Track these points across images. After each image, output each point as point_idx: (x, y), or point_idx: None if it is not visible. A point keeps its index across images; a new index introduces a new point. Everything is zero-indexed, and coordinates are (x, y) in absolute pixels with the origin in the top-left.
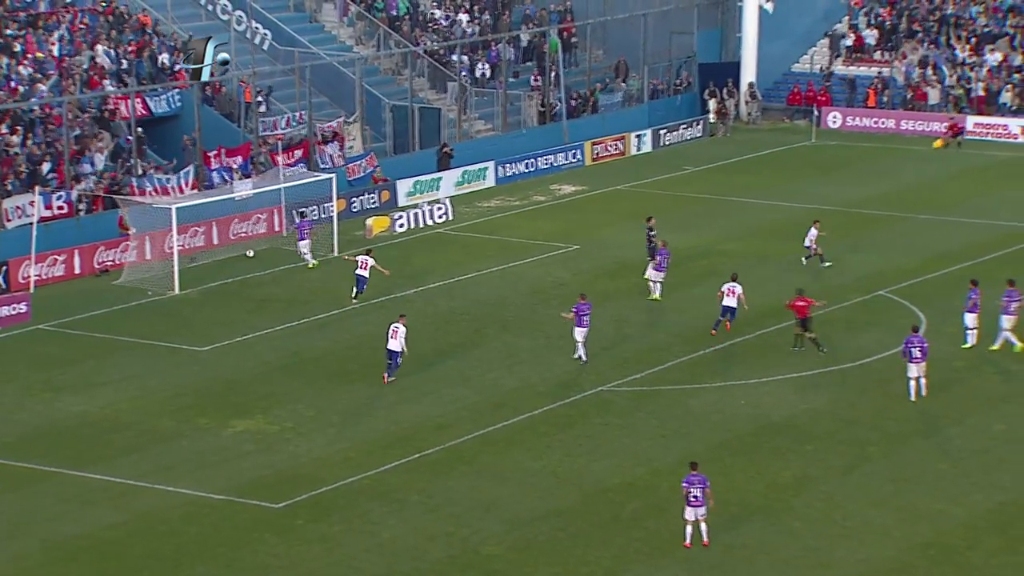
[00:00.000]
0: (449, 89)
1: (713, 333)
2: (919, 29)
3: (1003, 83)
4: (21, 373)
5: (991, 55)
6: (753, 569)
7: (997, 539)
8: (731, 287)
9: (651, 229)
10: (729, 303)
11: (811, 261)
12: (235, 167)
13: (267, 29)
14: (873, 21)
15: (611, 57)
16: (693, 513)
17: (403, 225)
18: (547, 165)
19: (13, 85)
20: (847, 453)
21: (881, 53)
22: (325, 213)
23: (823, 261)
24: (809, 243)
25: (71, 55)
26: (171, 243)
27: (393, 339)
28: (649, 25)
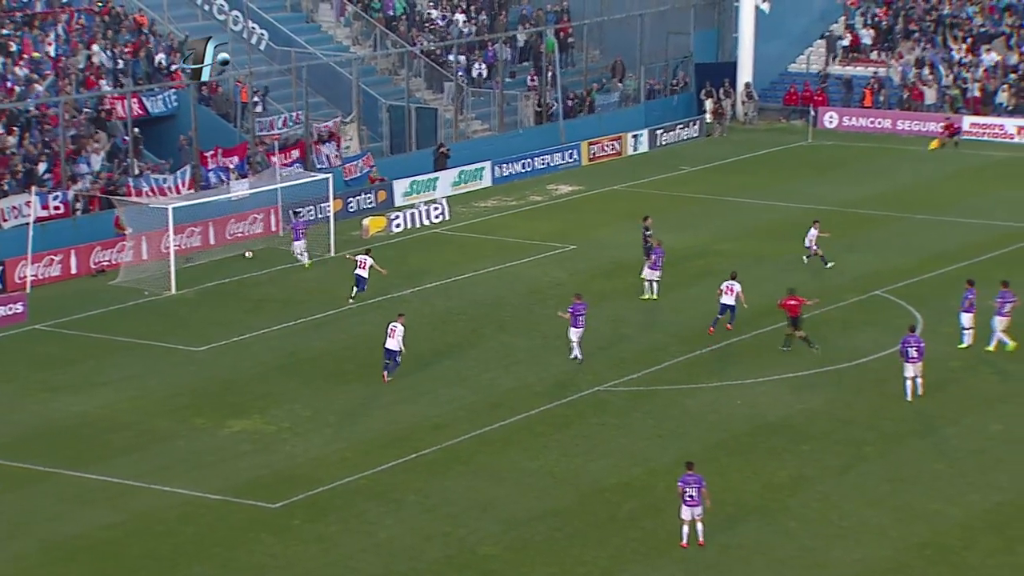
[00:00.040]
0: (446, 89)
1: (711, 331)
2: (915, 29)
3: (999, 83)
4: (18, 373)
5: (987, 55)
6: (749, 569)
7: (994, 539)
8: (730, 285)
9: (647, 229)
10: (727, 301)
11: (812, 260)
12: (231, 167)
13: (264, 29)
14: (869, 21)
15: (608, 57)
16: (690, 512)
17: (400, 225)
18: (544, 165)
19: (9, 85)
20: (843, 453)
21: (878, 53)
22: (321, 213)
23: (825, 262)
24: (809, 243)
25: (67, 55)
26: (167, 243)
27: (391, 338)
28: (646, 25)
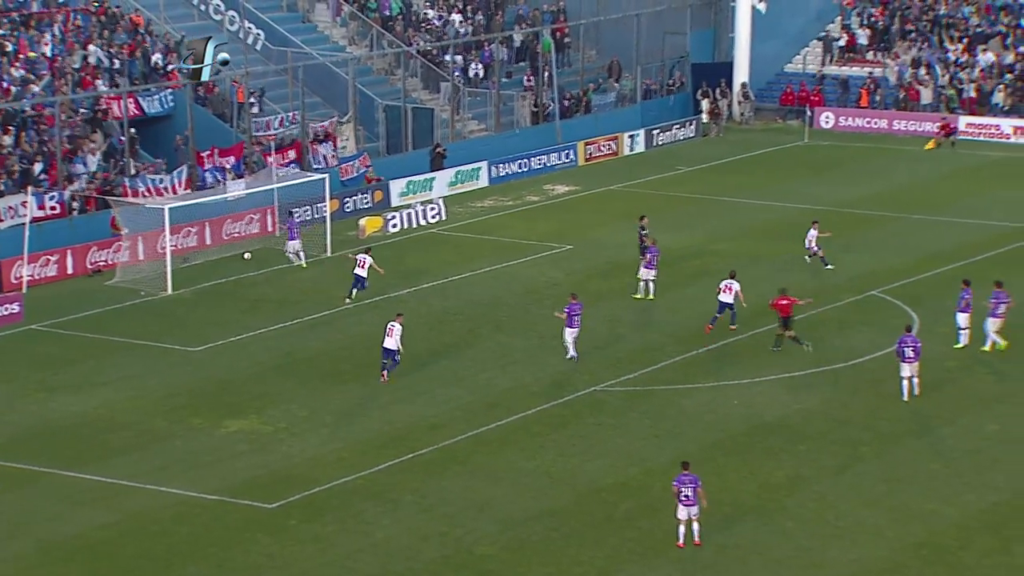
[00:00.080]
0: (442, 89)
1: (708, 329)
2: (912, 29)
3: (995, 83)
4: (14, 373)
5: (983, 55)
6: (746, 569)
7: (990, 539)
8: (728, 284)
9: (643, 228)
10: (725, 299)
11: (813, 261)
12: (228, 167)
13: (260, 29)
14: (866, 21)
15: (604, 57)
16: (686, 512)
17: (396, 225)
18: (540, 165)
19: (5, 85)
20: (840, 453)
21: (874, 53)
22: (318, 213)
23: (825, 263)
24: (809, 244)
25: (63, 55)
26: (164, 243)
27: (389, 337)
28: (642, 25)
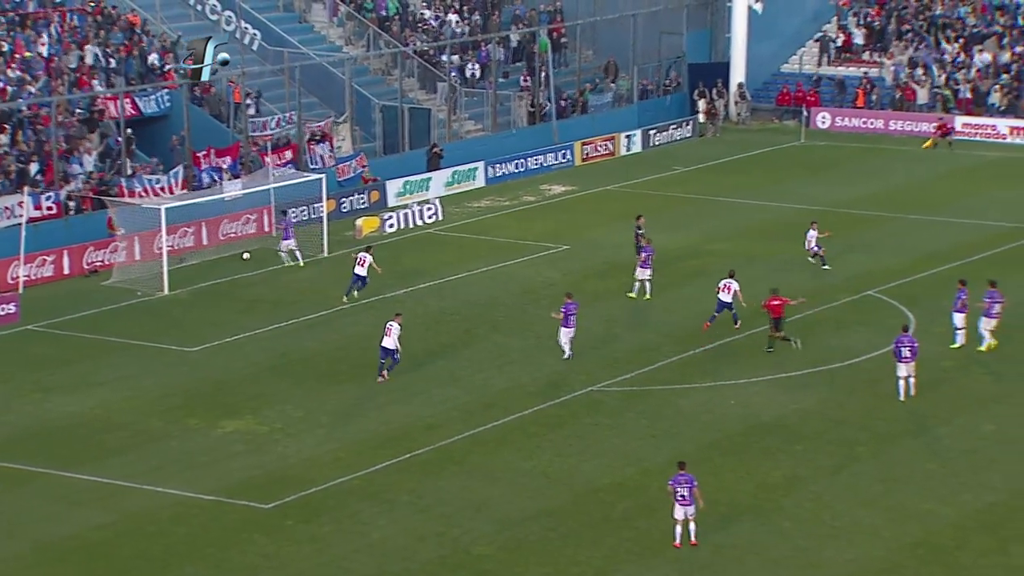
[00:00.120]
0: (439, 89)
1: (706, 327)
2: (908, 29)
3: (992, 83)
4: (10, 374)
5: (979, 55)
6: (743, 569)
7: (986, 539)
8: (727, 283)
9: (639, 228)
10: (724, 299)
11: (815, 260)
12: (224, 167)
13: (256, 29)
14: (862, 21)
15: (601, 57)
16: (683, 512)
17: (393, 225)
18: (537, 165)
19: (1, 85)
20: (836, 453)
21: (870, 53)
22: (315, 214)
23: (823, 263)
24: (809, 245)
25: (60, 55)
26: (160, 243)
27: (388, 337)
28: (639, 25)
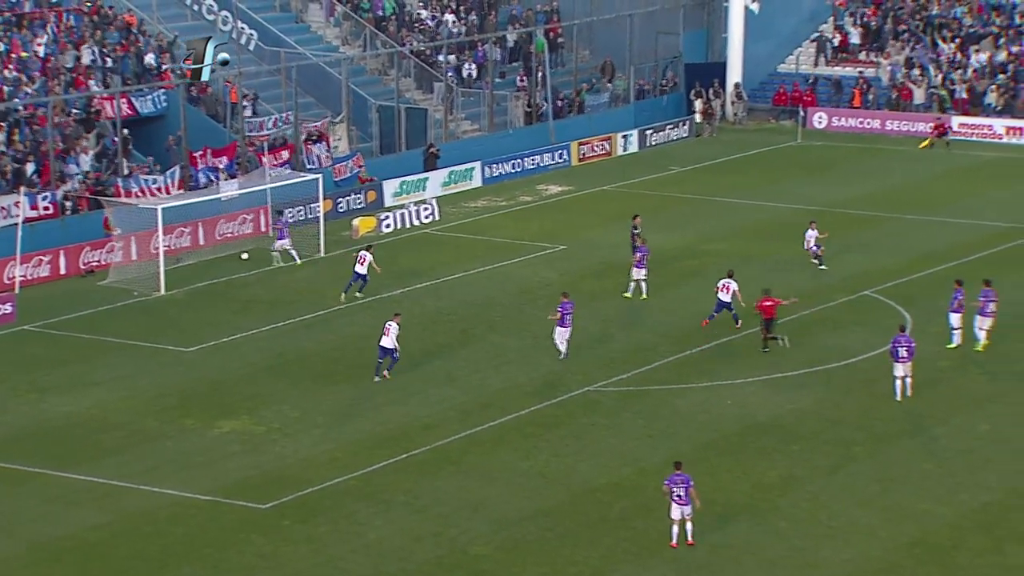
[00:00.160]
0: (435, 89)
1: (704, 324)
2: (904, 29)
3: (988, 83)
4: (6, 374)
5: (976, 55)
6: (740, 569)
7: (983, 539)
8: (726, 283)
9: (635, 227)
10: (724, 298)
11: (816, 260)
12: (221, 167)
13: (253, 29)
14: (859, 21)
15: (597, 57)
16: (679, 512)
17: (389, 225)
18: (534, 165)
19: None
20: (833, 453)
21: (866, 53)
22: (311, 213)
23: (820, 263)
24: (808, 244)
25: (56, 55)
26: (157, 243)
27: (386, 336)
28: (635, 25)
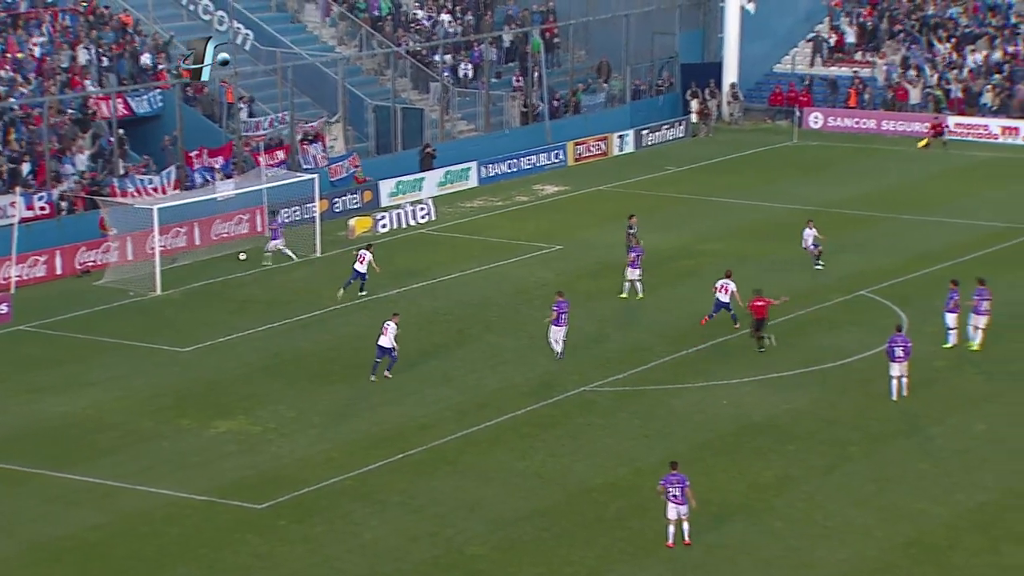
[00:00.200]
0: (432, 89)
1: (703, 322)
2: (900, 29)
3: (984, 84)
4: (2, 374)
5: (972, 55)
6: (735, 569)
7: (979, 539)
8: (725, 284)
9: (630, 227)
10: (722, 299)
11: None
12: (217, 167)
13: (249, 29)
14: (855, 21)
15: (593, 58)
16: (676, 511)
17: (386, 225)
18: (530, 165)
19: None
20: (828, 453)
21: (862, 54)
22: (308, 214)
23: (815, 263)
24: (806, 244)
25: (51, 55)
26: (152, 244)
27: (384, 336)
28: (631, 26)
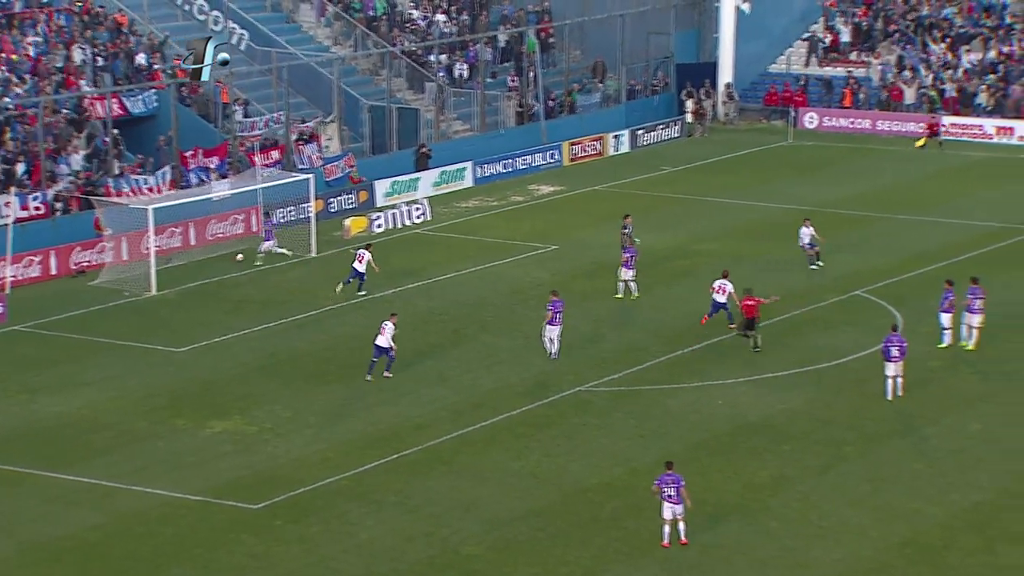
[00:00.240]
0: (427, 89)
1: (704, 320)
2: (895, 30)
3: (978, 84)
4: None
5: (966, 55)
6: (731, 569)
7: (974, 538)
8: (722, 284)
9: (625, 227)
10: (719, 299)
11: (809, 257)
12: (212, 167)
13: (244, 29)
14: (849, 21)
15: (589, 57)
16: (671, 511)
17: (381, 226)
18: (525, 165)
19: None
20: (823, 453)
21: (857, 54)
22: (303, 214)
23: (811, 262)
24: (803, 242)
25: (46, 55)
26: (148, 244)
27: (381, 335)
28: (627, 26)
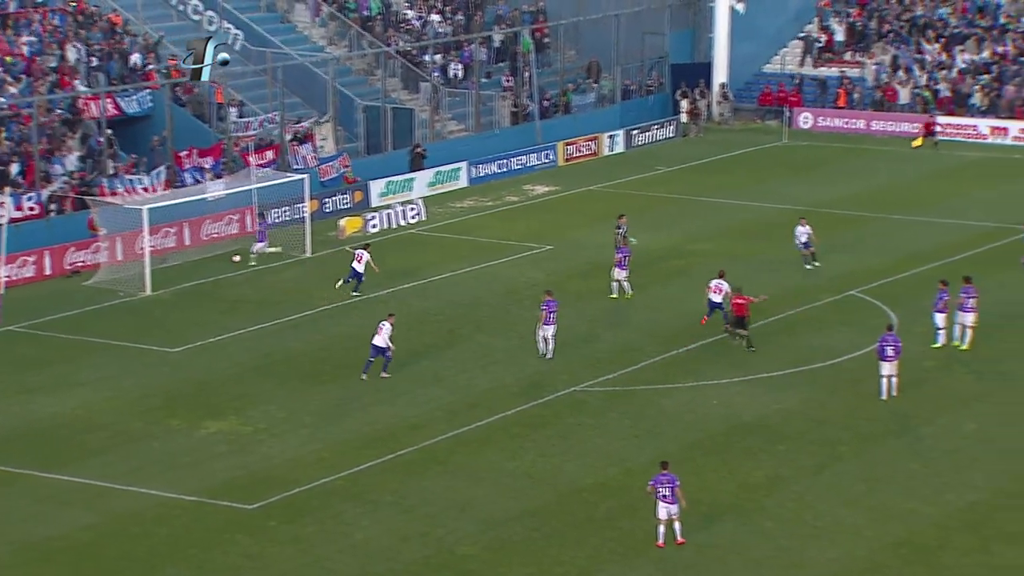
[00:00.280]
0: (422, 89)
1: (704, 321)
2: (889, 30)
3: (972, 84)
4: None
5: (960, 55)
6: (725, 569)
7: (969, 538)
8: (718, 284)
9: (619, 227)
10: (715, 299)
11: (806, 256)
12: (207, 167)
13: (239, 30)
14: (844, 22)
15: (583, 58)
16: (666, 511)
17: (376, 226)
18: (520, 165)
19: None
20: (818, 453)
21: (852, 54)
22: (298, 214)
23: (806, 262)
24: (798, 241)
25: (40, 55)
26: (142, 244)
27: (378, 335)
28: (621, 26)
